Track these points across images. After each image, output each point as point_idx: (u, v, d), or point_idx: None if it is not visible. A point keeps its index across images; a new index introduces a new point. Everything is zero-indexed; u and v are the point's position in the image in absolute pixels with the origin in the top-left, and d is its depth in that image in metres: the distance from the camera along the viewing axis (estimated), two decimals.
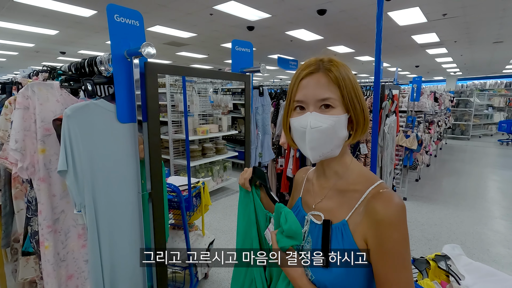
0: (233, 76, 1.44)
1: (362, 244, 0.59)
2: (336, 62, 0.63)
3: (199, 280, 2.29)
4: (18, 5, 4.76)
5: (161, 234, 1.08)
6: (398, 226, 0.55)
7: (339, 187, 0.66)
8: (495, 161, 6.89)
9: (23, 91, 0.95)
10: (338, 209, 0.64)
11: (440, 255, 1.27)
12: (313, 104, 0.61)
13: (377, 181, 0.62)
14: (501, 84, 12.68)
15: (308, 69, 0.62)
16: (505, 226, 3.37)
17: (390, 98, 2.13)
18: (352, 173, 0.66)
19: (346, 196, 0.64)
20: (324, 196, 0.68)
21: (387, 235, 0.55)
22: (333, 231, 0.62)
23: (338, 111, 0.60)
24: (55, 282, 0.98)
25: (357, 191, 0.62)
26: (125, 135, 1.04)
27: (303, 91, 0.62)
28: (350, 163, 0.67)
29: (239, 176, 0.83)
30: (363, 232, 0.58)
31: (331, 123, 0.59)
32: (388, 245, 0.55)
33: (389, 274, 0.55)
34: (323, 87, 0.60)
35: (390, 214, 0.55)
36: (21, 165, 0.96)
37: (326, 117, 0.59)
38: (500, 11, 5.10)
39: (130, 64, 1.01)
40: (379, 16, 1.21)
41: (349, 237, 0.59)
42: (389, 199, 0.57)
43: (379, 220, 0.56)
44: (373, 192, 0.60)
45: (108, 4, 0.96)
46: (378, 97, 1.21)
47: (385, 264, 0.56)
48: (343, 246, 0.59)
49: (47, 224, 0.97)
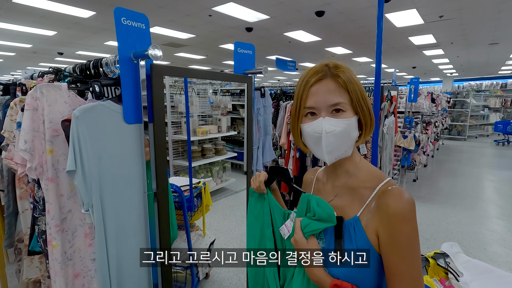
0: (235, 78, 1.46)
1: (374, 238, 0.61)
2: (342, 67, 0.65)
3: (200, 279, 2.31)
4: (17, 6, 4.75)
5: (167, 233, 1.10)
6: (410, 220, 0.58)
7: (350, 185, 0.68)
8: (491, 161, 6.97)
9: (32, 92, 0.97)
10: (349, 206, 0.66)
11: (439, 253, 1.30)
12: (325, 110, 0.63)
13: (386, 178, 0.65)
14: (497, 85, 12.82)
15: (317, 75, 0.64)
16: (502, 225, 3.42)
17: (388, 99, 2.16)
18: (362, 171, 0.68)
19: (357, 193, 0.66)
20: (336, 194, 0.70)
21: (399, 228, 0.58)
22: (345, 227, 0.64)
23: (349, 114, 0.63)
24: (63, 280, 1.00)
25: (367, 188, 0.65)
26: (131, 135, 1.06)
27: (314, 98, 0.64)
28: (359, 162, 0.70)
29: (251, 182, 0.83)
30: (375, 227, 0.61)
31: (345, 126, 0.62)
32: (401, 238, 0.58)
33: (401, 265, 0.58)
34: (333, 92, 0.62)
35: (401, 208, 0.58)
36: (30, 165, 0.98)
37: (339, 121, 0.62)
38: (496, 13, 5.18)
39: (136, 66, 1.03)
40: (379, 19, 1.24)
41: (361, 232, 0.62)
42: (400, 194, 0.60)
43: (392, 215, 0.58)
44: (383, 189, 0.62)
45: (116, 7, 0.98)
46: (379, 99, 1.24)
47: (397, 256, 0.58)
48: (356, 241, 0.62)
49: (55, 223, 0.98)
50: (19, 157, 1.06)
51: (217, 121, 4.62)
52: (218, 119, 4.60)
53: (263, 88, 2.06)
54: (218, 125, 4.54)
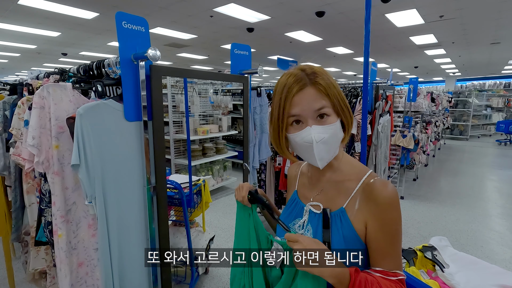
0: (232, 78, 1.52)
1: (361, 228, 0.66)
2: (319, 73, 0.66)
3: (200, 275, 2.37)
4: (22, 8, 4.85)
5: (165, 224, 1.16)
6: (396, 206, 0.64)
7: (335, 179, 0.73)
8: (492, 161, 6.95)
9: (39, 92, 1.04)
10: (335, 199, 0.71)
11: (427, 246, 1.35)
12: (311, 117, 0.65)
13: (368, 171, 0.71)
14: (500, 85, 12.75)
15: (298, 85, 0.65)
16: (500, 224, 3.44)
17: (384, 98, 2.21)
18: (345, 166, 0.73)
19: (342, 186, 0.71)
20: (322, 188, 0.74)
21: (387, 215, 0.63)
22: (332, 218, 0.68)
23: (333, 118, 0.66)
24: (68, 268, 1.06)
25: (351, 180, 0.70)
26: (132, 132, 1.13)
27: (299, 107, 0.65)
28: (342, 157, 0.74)
29: (235, 192, 0.81)
30: (363, 217, 0.66)
31: (332, 131, 0.65)
32: (390, 224, 0.63)
33: (389, 247, 0.64)
34: (316, 99, 0.65)
35: (388, 198, 0.63)
36: (38, 159, 1.05)
37: (326, 127, 0.65)
38: (496, 13, 5.19)
39: (136, 67, 1.10)
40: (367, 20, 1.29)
41: (347, 222, 0.67)
42: (385, 185, 0.65)
43: (380, 204, 0.63)
44: (367, 181, 0.67)
45: (117, 12, 1.04)
46: (367, 99, 1.29)
47: (386, 240, 0.64)
48: (342, 231, 0.66)
49: (60, 214, 1.05)
50: (26, 153, 1.13)
51: (218, 120, 4.68)
52: (219, 119, 4.66)
53: (259, 87, 2.12)
54: (219, 125, 4.60)
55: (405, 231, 3.26)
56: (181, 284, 2.35)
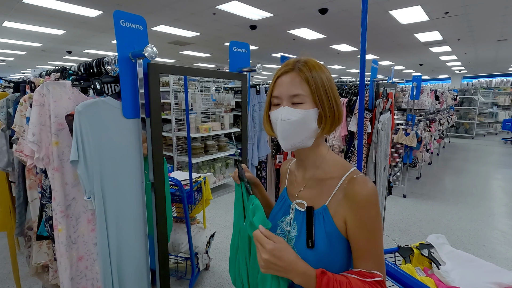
0: (231, 76, 1.52)
1: (341, 225, 0.67)
2: (310, 63, 0.69)
3: (200, 270, 2.39)
4: (27, 6, 4.91)
5: (163, 220, 1.18)
6: (374, 204, 0.64)
7: (318, 176, 0.73)
8: (498, 159, 6.87)
9: (39, 89, 1.06)
10: (318, 197, 0.71)
11: (424, 243, 1.35)
12: (286, 100, 0.68)
13: (351, 168, 0.71)
14: (507, 82, 12.55)
15: (284, 68, 0.70)
16: (504, 223, 3.40)
17: (384, 96, 2.20)
18: (328, 163, 0.74)
19: (325, 184, 0.71)
20: (305, 185, 0.75)
21: (365, 213, 0.64)
22: (315, 216, 0.69)
23: (308, 106, 0.67)
24: (68, 262, 1.09)
25: (334, 178, 0.70)
26: (130, 129, 1.15)
27: (279, 88, 0.70)
28: (326, 154, 0.75)
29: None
30: (343, 214, 0.66)
31: (300, 116, 0.67)
32: (367, 221, 0.64)
33: (367, 245, 0.64)
34: (295, 84, 0.68)
35: (367, 195, 0.64)
36: (38, 155, 1.07)
37: (296, 111, 0.67)
38: (502, 9, 5.11)
39: (134, 65, 1.11)
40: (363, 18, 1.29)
41: (329, 220, 0.68)
42: (364, 183, 0.65)
43: (359, 201, 0.64)
44: (348, 178, 0.68)
45: (115, 10, 1.06)
46: (363, 96, 1.28)
47: (364, 237, 0.64)
48: (325, 228, 0.67)
49: (60, 209, 1.08)
50: (28, 149, 1.16)
51: (220, 118, 4.69)
52: (221, 116, 4.67)
53: (258, 85, 2.13)
54: (221, 122, 4.61)
55: (406, 229, 3.25)
56: (182, 280, 2.38)
